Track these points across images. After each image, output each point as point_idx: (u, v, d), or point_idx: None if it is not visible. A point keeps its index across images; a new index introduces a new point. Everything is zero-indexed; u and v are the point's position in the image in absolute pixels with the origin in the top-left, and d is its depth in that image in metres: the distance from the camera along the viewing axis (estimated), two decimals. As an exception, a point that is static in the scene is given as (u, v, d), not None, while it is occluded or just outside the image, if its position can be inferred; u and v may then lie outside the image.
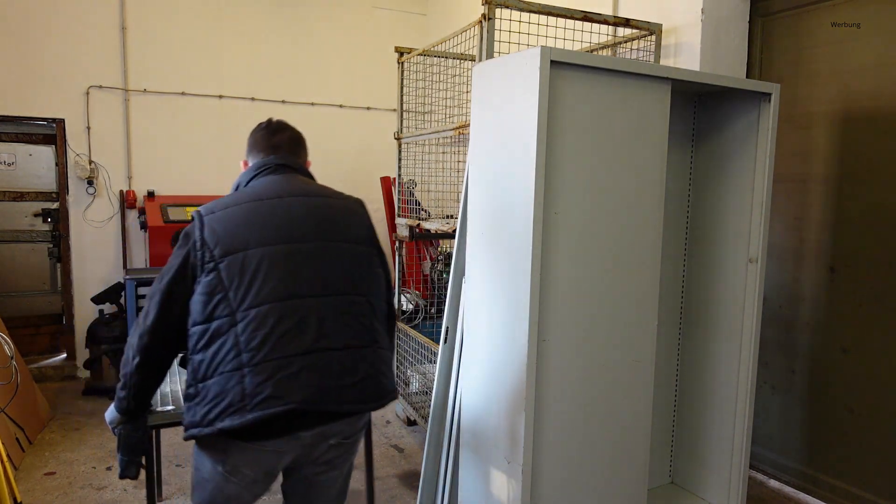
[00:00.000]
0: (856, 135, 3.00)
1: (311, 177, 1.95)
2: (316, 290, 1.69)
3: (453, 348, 2.73)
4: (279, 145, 1.90)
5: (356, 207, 1.90)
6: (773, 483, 3.36)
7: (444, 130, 3.70)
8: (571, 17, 3.10)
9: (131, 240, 5.32)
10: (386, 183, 5.45)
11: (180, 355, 1.78)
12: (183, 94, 5.44)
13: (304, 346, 1.62)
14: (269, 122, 1.96)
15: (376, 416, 4.31)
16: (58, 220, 5.34)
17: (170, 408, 2.27)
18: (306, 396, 1.60)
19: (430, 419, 2.82)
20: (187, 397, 1.66)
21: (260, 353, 1.58)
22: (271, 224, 1.70)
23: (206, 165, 5.56)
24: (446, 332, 2.78)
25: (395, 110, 4.54)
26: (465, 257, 2.45)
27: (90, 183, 5.14)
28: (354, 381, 1.68)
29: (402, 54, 4.27)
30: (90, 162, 5.11)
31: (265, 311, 1.61)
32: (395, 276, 4.41)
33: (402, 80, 4.30)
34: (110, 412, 1.77)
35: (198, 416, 1.61)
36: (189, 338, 1.65)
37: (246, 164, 1.93)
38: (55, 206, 5.50)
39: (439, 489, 2.76)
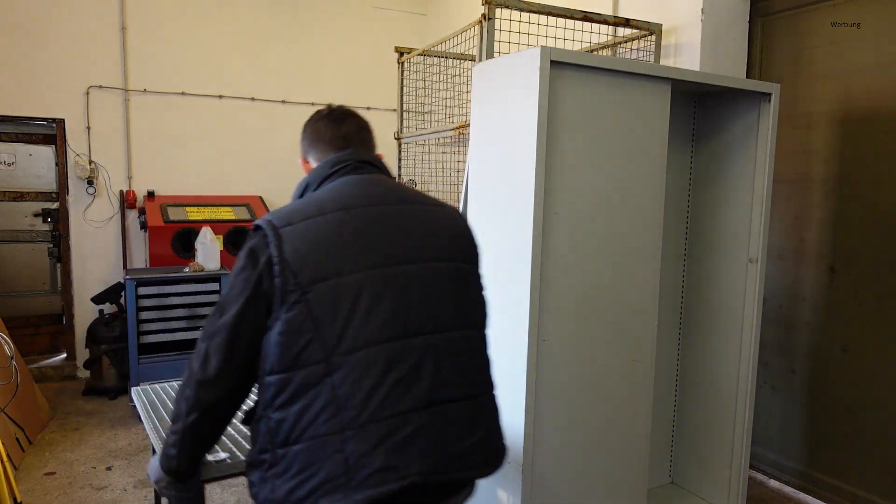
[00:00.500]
0: (856, 135, 3.00)
1: (391, 176, 1.58)
2: (429, 325, 1.35)
3: (453, 348, 2.72)
4: (349, 137, 1.53)
5: (458, 217, 1.54)
6: (773, 483, 3.36)
7: (444, 130, 3.71)
8: (571, 17, 3.10)
9: (131, 240, 5.32)
10: (386, 183, 5.44)
11: (242, 410, 1.45)
12: (183, 94, 5.44)
13: (420, 399, 1.29)
14: (331, 108, 1.58)
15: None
16: (58, 220, 5.34)
17: (223, 456, 1.87)
18: (427, 466, 1.28)
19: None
20: (258, 464, 1.32)
21: (366, 411, 1.24)
22: (367, 240, 1.34)
23: (206, 165, 5.56)
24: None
25: (395, 110, 4.54)
26: (465, 257, 2.45)
27: (90, 183, 5.14)
28: (475, 439, 1.37)
29: (402, 54, 4.27)
30: (90, 162, 5.11)
31: (370, 355, 1.26)
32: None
33: (402, 80, 4.31)
34: (155, 470, 1.43)
35: (280, 492, 1.26)
36: (263, 389, 1.31)
37: (306, 162, 1.56)
38: (55, 206, 5.50)
39: (439, 489, 2.76)
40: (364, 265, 1.31)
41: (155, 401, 2.50)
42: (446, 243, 1.45)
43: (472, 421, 1.37)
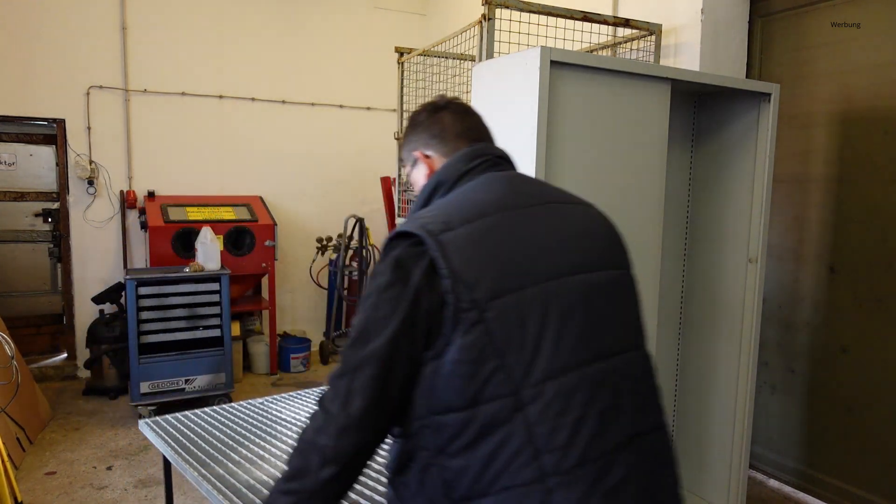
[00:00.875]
0: (856, 135, 3.00)
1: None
2: (617, 344, 1.15)
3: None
4: (478, 129, 1.33)
5: (607, 217, 1.33)
6: (773, 483, 3.36)
7: (444, 130, 3.70)
8: (571, 18, 3.10)
9: (132, 240, 5.32)
10: (386, 183, 5.45)
11: (391, 459, 1.18)
12: (183, 94, 5.44)
13: (623, 433, 1.08)
14: (448, 99, 1.37)
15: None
16: (58, 220, 5.35)
17: None
18: None
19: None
20: None
21: (572, 453, 1.02)
22: (540, 246, 1.12)
23: (206, 165, 5.57)
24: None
25: (395, 110, 4.54)
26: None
27: (90, 183, 5.15)
28: (672, 476, 1.18)
29: (402, 54, 4.27)
30: (90, 162, 5.12)
31: (569, 383, 1.05)
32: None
33: (402, 80, 4.30)
34: None
35: None
36: (431, 430, 1.06)
37: (427, 157, 1.32)
38: (56, 206, 5.50)
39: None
40: (545, 275, 1.09)
41: (177, 436, 2.14)
42: (610, 247, 1.26)
43: (663, 456, 1.18)
